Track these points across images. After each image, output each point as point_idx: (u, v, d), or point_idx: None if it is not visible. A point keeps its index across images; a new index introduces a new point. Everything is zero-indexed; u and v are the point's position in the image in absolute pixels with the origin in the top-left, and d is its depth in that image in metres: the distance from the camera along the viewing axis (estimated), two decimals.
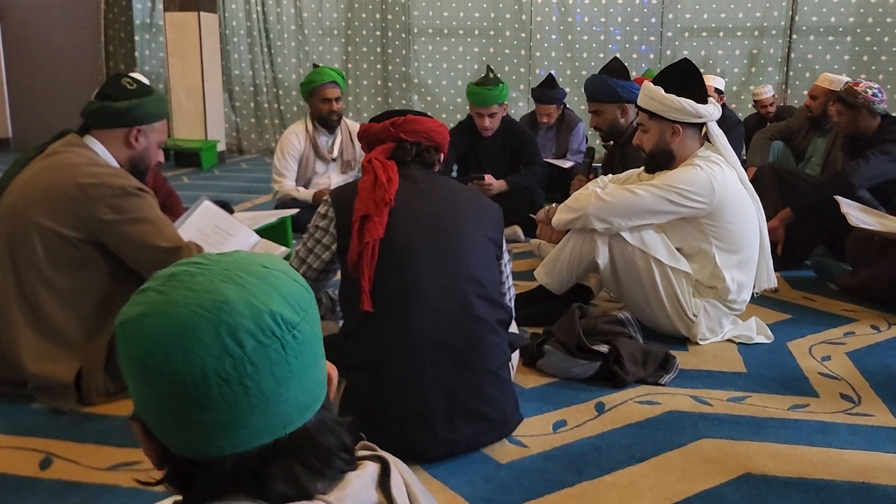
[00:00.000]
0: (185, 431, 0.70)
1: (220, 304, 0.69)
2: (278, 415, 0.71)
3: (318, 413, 0.76)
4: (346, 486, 0.75)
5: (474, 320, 1.79)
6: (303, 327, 0.73)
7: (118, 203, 2.05)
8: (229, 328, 0.68)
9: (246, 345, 0.68)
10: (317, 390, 0.76)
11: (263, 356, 0.69)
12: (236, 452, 0.71)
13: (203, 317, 0.68)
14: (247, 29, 8.66)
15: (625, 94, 3.40)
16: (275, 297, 0.72)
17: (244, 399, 0.69)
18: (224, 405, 0.68)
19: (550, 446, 1.90)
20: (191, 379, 0.67)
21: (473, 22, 8.28)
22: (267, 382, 0.70)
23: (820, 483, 1.74)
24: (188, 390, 0.68)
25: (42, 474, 1.76)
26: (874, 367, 2.44)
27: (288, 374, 0.71)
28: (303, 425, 0.74)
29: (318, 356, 0.77)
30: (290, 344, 0.71)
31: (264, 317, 0.70)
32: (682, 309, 2.57)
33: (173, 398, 0.68)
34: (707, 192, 2.48)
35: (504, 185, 4.18)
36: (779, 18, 7.61)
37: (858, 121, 3.54)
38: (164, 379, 0.68)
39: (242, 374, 0.68)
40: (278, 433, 0.72)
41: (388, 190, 1.79)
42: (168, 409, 0.69)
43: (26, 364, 2.04)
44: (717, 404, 2.16)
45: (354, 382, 1.80)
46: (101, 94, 2.18)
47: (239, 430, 0.70)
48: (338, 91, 4.23)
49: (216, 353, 0.68)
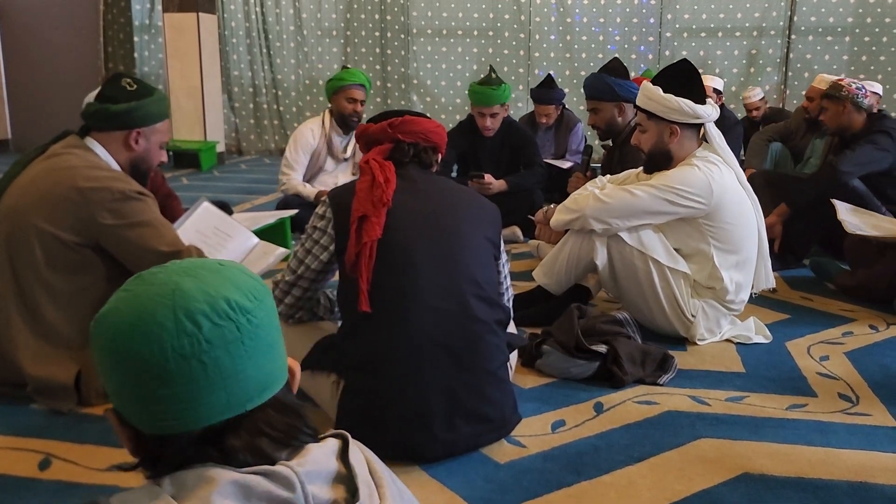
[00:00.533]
0: (152, 408, 0.77)
1: (175, 291, 0.77)
2: (237, 392, 0.78)
3: (278, 394, 0.83)
4: (306, 454, 0.82)
5: (473, 321, 1.79)
6: (257, 313, 0.80)
7: (118, 207, 2.05)
8: (185, 311, 0.76)
9: (202, 325, 0.76)
10: (276, 373, 0.83)
11: (219, 335, 0.77)
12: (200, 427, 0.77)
13: (160, 302, 0.77)
14: (246, 30, 8.66)
15: (623, 92, 3.40)
16: (229, 286, 0.80)
17: (202, 375, 0.76)
18: (183, 380, 0.76)
19: (549, 446, 1.90)
20: (151, 356, 0.75)
21: (472, 22, 8.28)
22: (224, 360, 0.77)
23: (818, 483, 1.75)
24: (150, 367, 0.75)
25: (41, 475, 1.76)
26: (872, 367, 2.45)
27: (244, 354, 0.78)
28: (263, 403, 0.81)
29: (276, 343, 0.84)
30: (244, 326, 0.78)
31: (219, 301, 0.78)
32: (681, 309, 2.57)
33: (138, 377, 0.76)
34: (705, 193, 2.48)
35: (503, 184, 4.19)
36: (777, 19, 7.61)
37: (843, 115, 3.61)
38: (130, 359, 0.76)
39: (199, 351, 0.76)
40: (238, 410, 0.79)
41: (385, 191, 1.79)
42: (134, 389, 0.77)
43: (25, 366, 2.05)
44: (716, 404, 2.16)
45: (353, 383, 1.81)
46: (100, 96, 2.17)
47: (200, 404, 0.77)
48: (363, 94, 4.27)
49: (173, 331, 0.75)
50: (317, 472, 0.81)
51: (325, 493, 0.81)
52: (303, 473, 0.79)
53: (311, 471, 0.81)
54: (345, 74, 4.27)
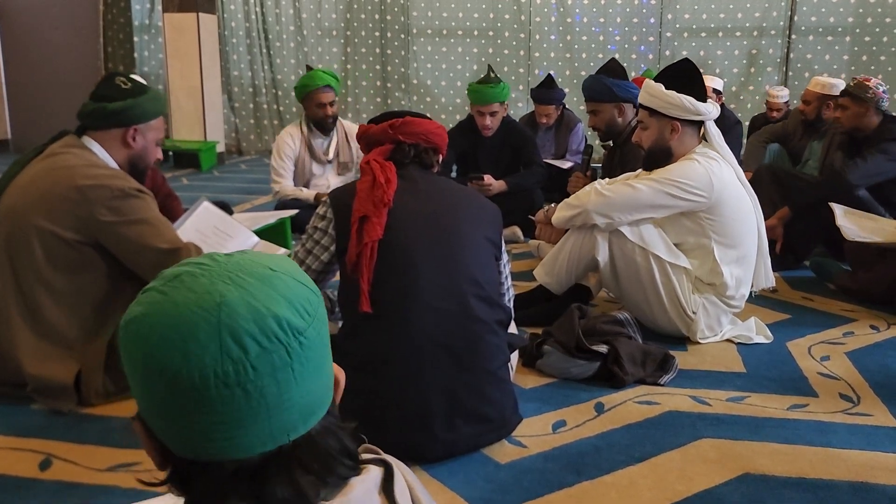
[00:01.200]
0: (185, 433, 0.69)
1: (219, 304, 0.68)
2: (281, 421, 0.70)
3: (322, 418, 0.74)
4: (348, 491, 0.74)
5: (473, 321, 1.79)
6: (309, 333, 0.71)
7: (117, 205, 2.05)
8: (231, 330, 0.67)
9: (249, 350, 0.67)
10: (323, 396, 0.75)
11: (266, 361, 0.68)
12: (237, 458, 0.69)
13: (202, 317, 0.67)
14: (245, 30, 8.66)
15: (621, 93, 3.40)
16: (280, 300, 0.70)
17: (245, 403, 0.68)
18: (223, 408, 0.67)
19: (550, 446, 1.90)
20: (188, 379, 0.66)
21: (472, 22, 8.28)
22: (270, 388, 0.68)
23: (819, 483, 1.74)
24: (186, 391, 0.67)
25: (41, 475, 1.76)
26: (873, 367, 2.45)
27: (292, 381, 0.70)
28: (310, 438, 0.73)
29: (325, 361, 0.75)
30: (295, 350, 0.70)
31: (268, 321, 0.68)
32: (682, 306, 2.57)
33: (173, 398, 0.67)
34: (706, 186, 2.48)
35: (503, 185, 4.18)
36: (777, 19, 7.61)
37: (864, 117, 3.53)
38: (164, 378, 0.67)
39: (243, 379, 0.67)
40: (281, 440, 0.71)
41: (386, 191, 1.79)
42: (168, 410, 0.68)
43: (25, 365, 2.04)
44: (717, 404, 2.16)
45: (353, 383, 1.78)
46: (95, 95, 2.17)
47: (240, 434, 0.69)
48: (332, 95, 4.21)
49: (214, 354, 0.66)
50: None
51: None
52: None
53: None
54: (306, 80, 4.19)
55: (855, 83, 3.59)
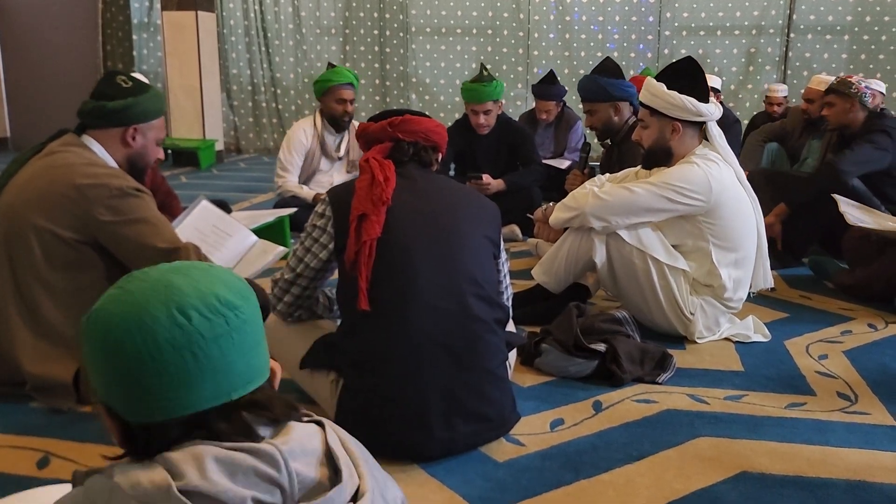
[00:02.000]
0: (145, 397, 0.81)
1: (168, 287, 0.82)
2: (225, 382, 0.83)
3: (261, 387, 0.88)
4: (290, 431, 0.87)
5: (472, 320, 1.79)
6: (244, 310, 0.85)
7: (116, 204, 2.05)
8: (178, 305, 0.81)
9: (193, 319, 0.81)
10: (260, 368, 0.88)
11: (209, 329, 0.81)
12: (186, 414, 0.82)
13: (154, 297, 0.81)
14: (244, 28, 8.65)
15: (617, 92, 3.40)
16: (218, 284, 0.85)
17: (193, 365, 0.81)
18: (176, 370, 0.80)
19: (548, 445, 1.90)
20: (145, 348, 0.79)
21: (471, 21, 8.27)
22: (213, 352, 0.82)
23: (816, 481, 1.75)
24: (144, 359, 0.80)
25: (40, 473, 1.76)
26: (871, 366, 2.45)
27: (232, 347, 0.83)
28: (249, 395, 0.86)
29: (261, 341, 0.89)
30: (233, 321, 0.83)
31: (209, 297, 0.83)
32: (680, 307, 2.57)
33: (130, 367, 0.80)
34: (704, 190, 2.48)
35: (502, 184, 4.18)
36: (776, 17, 7.61)
37: (849, 112, 3.62)
38: (123, 351, 0.80)
39: (191, 343, 0.80)
40: (224, 398, 0.83)
41: (385, 189, 1.79)
42: (125, 380, 0.81)
43: (24, 364, 2.05)
44: (714, 403, 2.16)
45: (352, 381, 1.81)
46: (96, 94, 2.16)
47: (190, 393, 0.81)
48: (352, 93, 4.27)
49: (166, 324, 0.80)
50: (301, 450, 0.85)
51: (311, 472, 0.85)
52: (286, 451, 0.83)
53: (294, 449, 0.84)
54: (331, 75, 4.23)
55: (838, 80, 3.71)
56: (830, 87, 3.75)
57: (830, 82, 4.50)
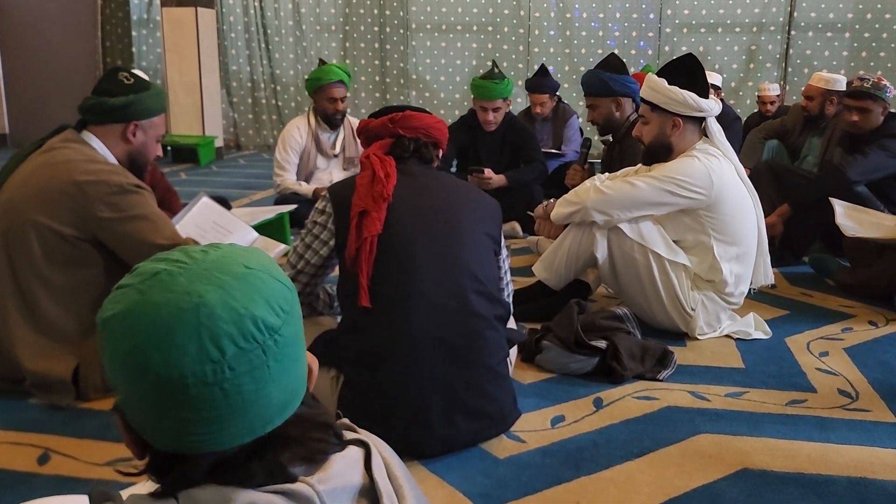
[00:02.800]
0: (164, 428, 0.71)
1: (198, 306, 0.70)
2: (259, 416, 0.73)
3: (298, 408, 0.78)
4: (328, 467, 0.78)
5: (473, 316, 1.79)
6: (284, 331, 0.74)
7: (116, 200, 2.04)
8: (210, 332, 0.69)
9: (226, 350, 0.69)
10: (297, 387, 0.78)
11: (243, 361, 0.70)
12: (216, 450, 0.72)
13: (182, 319, 0.69)
14: (244, 24, 8.64)
15: (619, 88, 3.40)
16: (257, 300, 0.72)
17: (223, 401, 0.70)
18: (202, 405, 0.70)
19: (548, 441, 1.90)
20: (167, 379, 0.68)
21: (472, 18, 8.27)
22: (247, 386, 0.71)
23: (817, 478, 1.75)
24: (166, 389, 0.69)
25: (40, 470, 1.76)
26: (872, 363, 2.45)
27: (268, 378, 0.72)
28: (284, 428, 0.76)
29: (299, 354, 0.78)
30: (271, 349, 0.72)
31: (246, 322, 0.71)
32: (681, 303, 2.57)
33: (153, 396, 0.70)
34: (706, 184, 2.48)
35: (503, 180, 4.18)
36: (777, 14, 7.61)
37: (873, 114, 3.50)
38: (145, 377, 0.69)
39: (221, 379, 0.69)
40: (258, 433, 0.74)
41: (386, 186, 1.78)
42: (148, 406, 0.71)
43: (24, 361, 2.04)
44: (715, 400, 2.16)
45: (352, 378, 1.80)
46: (97, 90, 2.16)
47: (219, 430, 0.71)
48: (344, 90, 4.24)
49: (195, 356, 0.69)
50: (341, 489, 0.77)
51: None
52: (325, 492, 0.75)
53: (334, 488, 0.76)
54: (320, 73, 4.19)
55: (871, 84, 3.48)
56: (863, 92, 3.48)
57: (832, 81, 4.50)
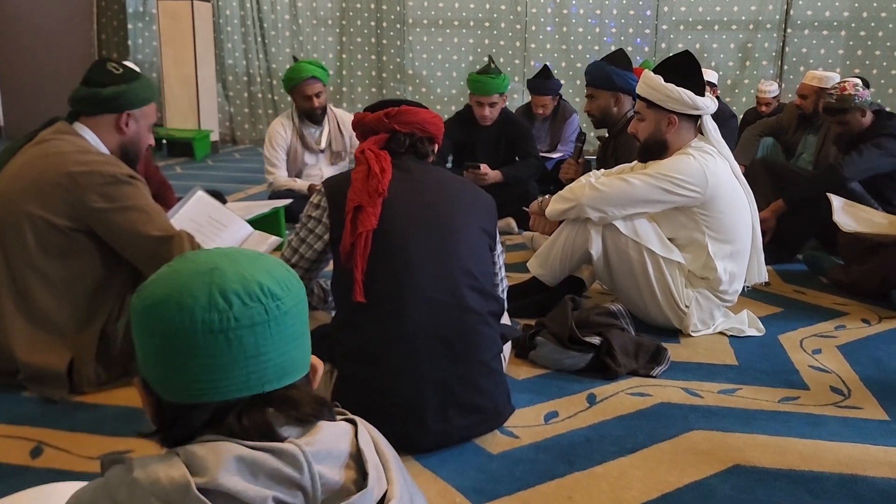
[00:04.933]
0: (176, 376, 0.80)
1: (213, 270, 0.81)
2: (258, 373, 0.81)
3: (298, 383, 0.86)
4: (317, 432, 0.84)
5: (467, 311, 1.79)
6: (286, 301, 0.83)
7: (109, 191, 2.04)
8: (220, 289, 0.80)
9: (233, 303, 0.80)
10: (299, 362, 0.86)
11: (247, 315, 0.80)
12: (215, 401, 0.81)
13: (196, 278, 0.81)
14: (240, 18, 8.60)
15: (620, 82, 3.40)
16: (264, 273, 0.83)
17: (226, 350, 0.79)
18: (209, 352, 0.79)
19: (542, 437, 1.90)
20: (181, 325, 0.79)
21: (468, 13, 8.25)
22: (248, 339, 0.80)
23: (809, 475, 1.75)
24: (178, 336, 0.79)
25: (33, 463, 1.75)
26: (864, 361, 2.46)
27: (268, 337, 0.82)
28: (282, 388, 0.84)
29: (302, 335, 0.87)
30: (272, 311, 0.82)
31: (252, 284, 0.81)
32: (675, 300, 2.58)
33: (166, 344, 0.80)
34: (700, 181, 2.48)
35: (499, 175, 4.18)
36: (773, 12, 7.61)
37: (853, 122, 3.56)
38: (161, 327, 0.80)
39: (226, 328, 0.79)
40: (257, 389, 0.82)
41: (381, 181, 1.78)
42: (161, 356, 0.81)
43: (18, 353, 2.04)
44: (708, 396, 2.17)
45: (347, 373, 1.80)
46: (87, 81, 2.15)
47: (222, 378, 0.80)
48: (319, 86, 4.18)
49: (204, 305, 0.79)
50: (326, 452, 0.83)
51: (335, 475, 0.83)
52: (310, 453, 0.81)
53: (319, 450, 0.82)
54: (292, 73, 4.16)
55: (836, 97, 3.55)
56: (832, 108, 3.57)
57: (825, 79, 4.50)
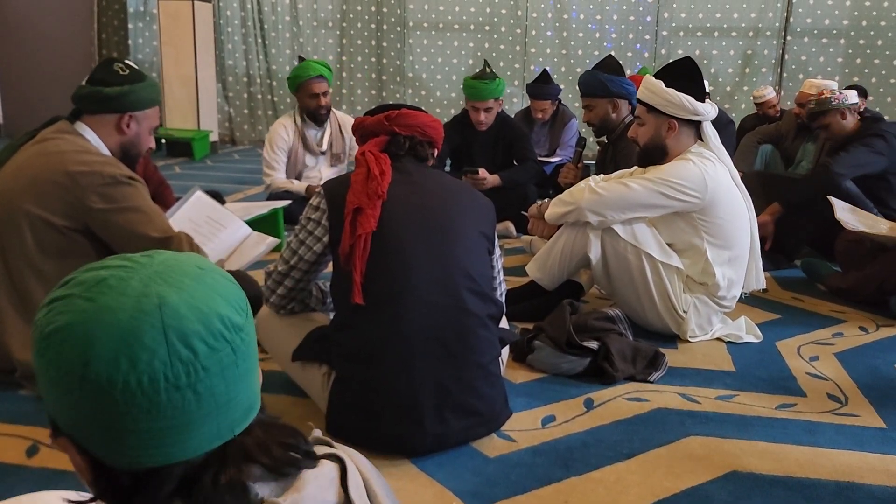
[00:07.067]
0: (132, 442, 0.66)
1: (159, 306, 0.66)
2: (227, 419, 0.70)
3: (259, 413, 0.75)
4: (301, 487, 0.74)
5: (466, 315, 1.79)
6: (247, 328, 0.72)
7: (108, 191, 2.04)
8: (177, 332, 0.66)
9: (198, 350, 0.66)
10: (258, 389, 0.75)
11: (215, 361, 0.68)
12: (184, 460, 0.68)
13: (145, 322, 0.65)
14: (241, 19, 8.61)
15: (615, 88, 3.41)
16: (217, 299, 0.70)
17: (195, 405, 0.67)
18: (174, 412, 0.66)
19: (539, 441, 1.90)
20: (138, 386, 0.64)
21: (468, 17, 8.26)
22: (218, 388, 0.68)
23: (805, 482, 1.75)
24: (136, 399, 0.64)
25: (29, 462, 1.75)
26: (861, 368, 2.46)
27: (237, 378, 0.70)
28: (248, 426, 0.73)
29: (256, 354, 0.76)
30: (239, 347, 0.70)
31: (213, 320, 0.68)
32: (673, 305, 2.58)
33: (118, 409, 0.65)
34: (700, 187, 2.49)
35: (497, 179, 4.18)
36: (773, 19, 7.63)
37: (842, 121, 3.63)
38: (109, 389, 0.64)
39: (194, 380, 0.66)
40: (226, 437, 0.71)
41: (380, 183, 1.78)
42: (111, 422, 0.65)
43: (14, 351, 2.03)
44: (706, 402, 2.17)
45: (344, 374, 1.80)
46: (92, 79, 2.15)
47: (189, 436, 0.68)
48: (325, 85, 4.21)
49: (163, 357, 0.65)
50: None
51: None
52: None
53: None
54: (299, 70, 4.18)
55: (815, 102, 3.70)
56: (814, 113, 3.72)
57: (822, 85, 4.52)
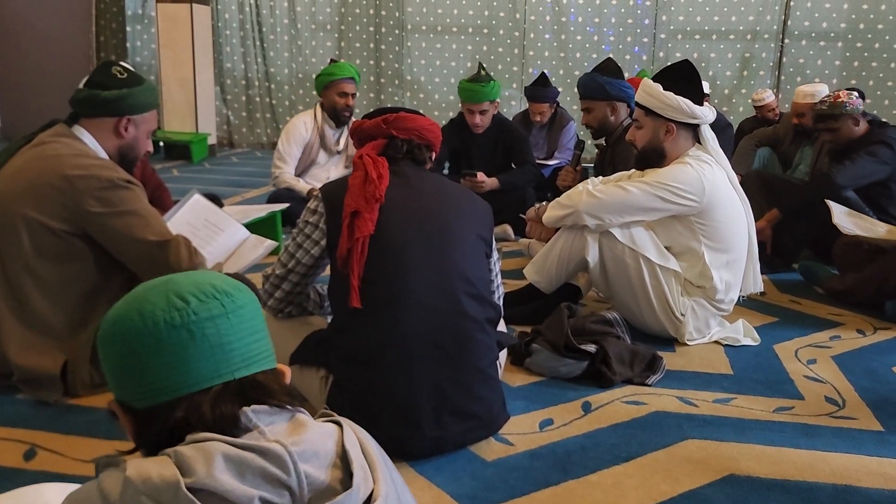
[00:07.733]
0: (145, 378, 0.85)
1: (167, 281, 0.90)
2: (225, 362, 0.87)
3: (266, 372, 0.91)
4: (303, 431, 0.87)
5: (463, 318, 1.79)
6: (239, 298, 0.90)
7: (105, 195, 2.03)
8: (175, 291, 0.87)
9: (190, 301, 0.87)
10: (263, 354, 0.92)
11: (205, 309, 0.87)
12: (189, 393, 0.85)
13: (154, 289, 0.89)
14: (239, 22, 8.61)
15: (615, 91, 3.41)
16: (215, 277, 0.92)
17: (190, 342, 0.85)
18: (174, 347, 0.85)
19: (537, 445, 1.90)
20: (144, 329, 0.85)
21: (467, 20, 8.26)
22: (210, 330, 0.86)
23: (803, 485, 1.75)
24: (143, 339, 0.85)
25: (26, 465, 1.75)
26: (859, 372, 2.46)
27: (229, 327, 0.88)
28: (251, 376, 0.89)
29: (262, 331, 0.93)
30: (228, 304, 0.88)
31: (205, 285, 0.89)
32: (670, 308, 2.58)
33: (132, 350, 0.85)
34: (698, 190, 2.49)
35: (496, 183, 4.19)
36: (771, 23, 7.64)
37: (854, 127, 3.57)
38: (125, 335, 0.86)
39: (188, 322, 0.85)
40: (227, 377, 0.87)
41: (378, 186, 1.78)
42: (129, 364, 0.86)
43: (12, 355, 2.03)
44: (703, 405, 2.17)
45: (342, 378, 1.80)
46: (90, 82, 2.15)
47: (190, 371, 0.85)
48: (354, 87, 4.32)
49: (164, 307, 0.86)
50: (313, 452, 0.85)
51: (321, 474, 0.85)
52: (296, 452, 0.83)
53: (306, 450, 0.84)
54: (335, 69, 4.29)
55: (828, 105, 3.59)
56: (824, 114, 3.60)
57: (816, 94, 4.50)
